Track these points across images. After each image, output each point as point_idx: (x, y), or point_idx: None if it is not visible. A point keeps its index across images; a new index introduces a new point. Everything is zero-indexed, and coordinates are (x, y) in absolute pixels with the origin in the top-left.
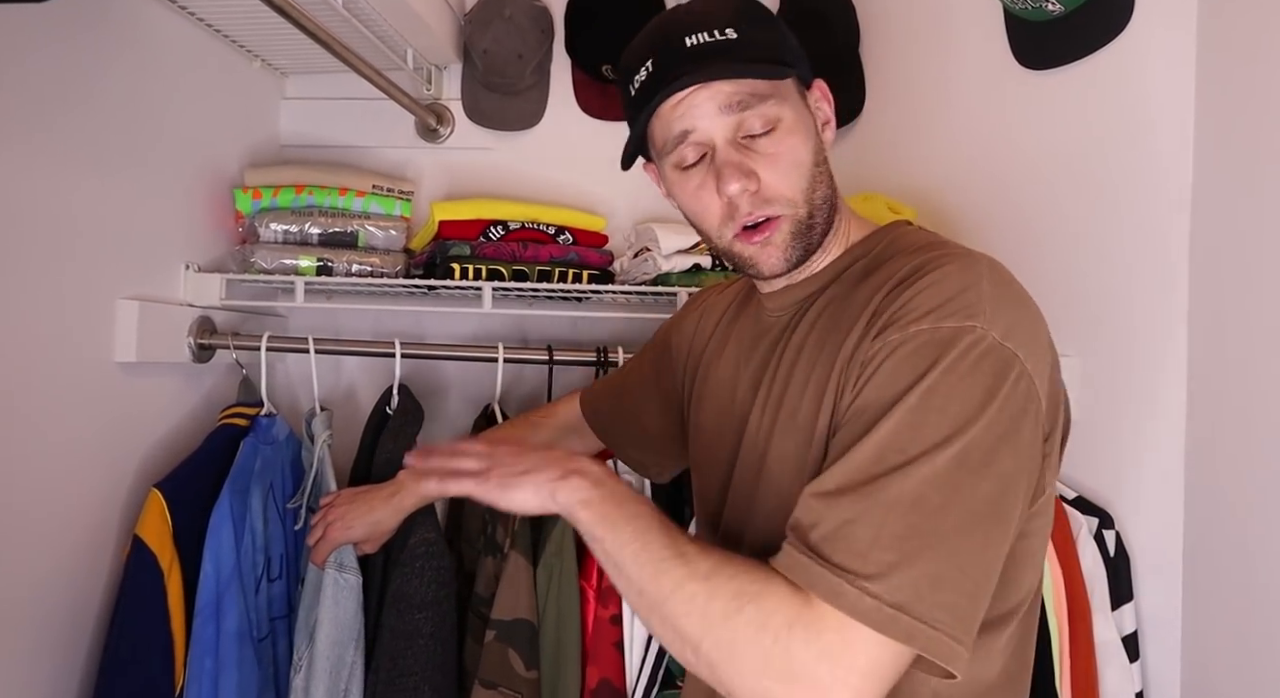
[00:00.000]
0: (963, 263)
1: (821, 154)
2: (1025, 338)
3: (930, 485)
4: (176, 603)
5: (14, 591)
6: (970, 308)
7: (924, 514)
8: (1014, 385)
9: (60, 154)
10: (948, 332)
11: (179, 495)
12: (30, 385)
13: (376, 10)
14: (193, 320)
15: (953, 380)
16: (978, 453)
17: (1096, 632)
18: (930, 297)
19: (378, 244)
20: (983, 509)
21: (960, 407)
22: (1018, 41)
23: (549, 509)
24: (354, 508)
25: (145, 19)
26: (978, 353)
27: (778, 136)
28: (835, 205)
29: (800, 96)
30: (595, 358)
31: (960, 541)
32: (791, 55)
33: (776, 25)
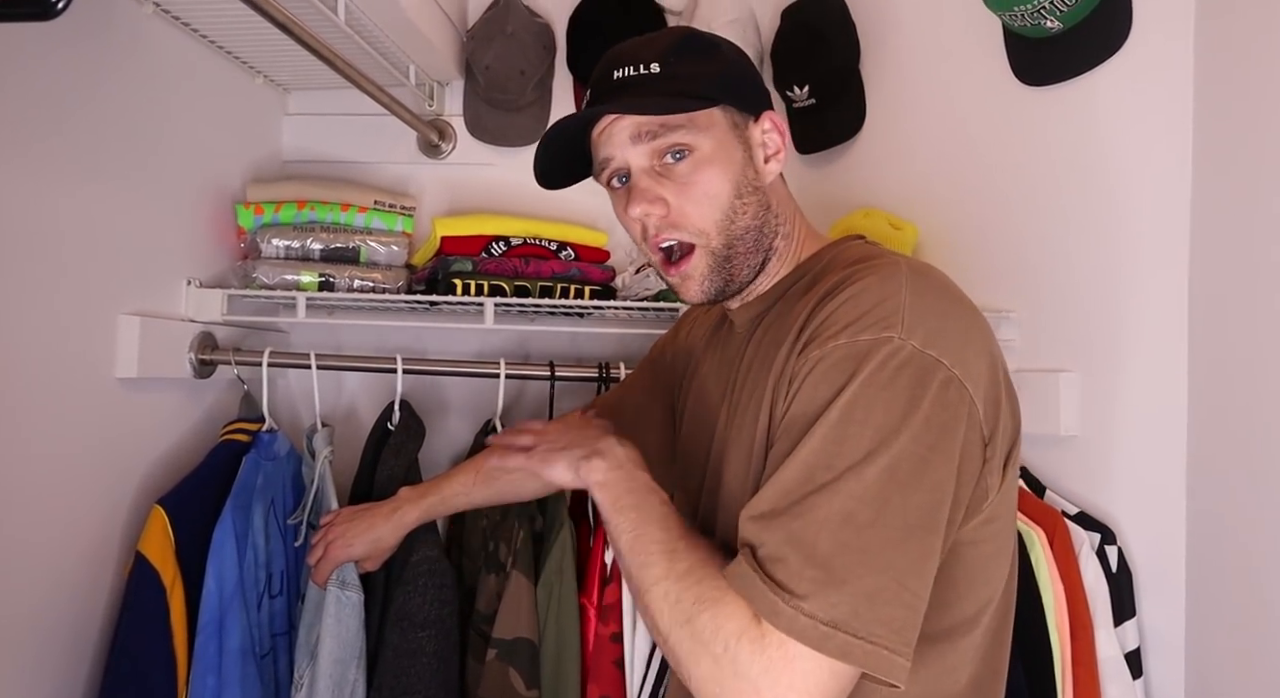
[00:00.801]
0: (883, 274)
1: (751, 184)
2: (951, 343)
3: (859, 501)
4: (179, 620)
5: (16, 606)
6: (887, 319)
7: (855, 530)
8: (940, 392)
9: (63, 169)
10: (864, 344)
11: (181, 511)
12: (32, 401)
13: (379, 27)
14: (194, 336)
15: (872, 392)
16: (907, 464)
17: (1099, 648)
18: (848, 310)
19: (379, 260)
20: (916, 520)
21: (882, 418)
22: (1017, 58)
23: (579, 484)
24: (354, 526)
25: (148, 35)
26: (896, 363)
27: (690, 166)
28: (773, 232)
29: (731, 128)
30: (597, 374)
31: (894, 553)
32: (722, 88)
33: (711, 59)
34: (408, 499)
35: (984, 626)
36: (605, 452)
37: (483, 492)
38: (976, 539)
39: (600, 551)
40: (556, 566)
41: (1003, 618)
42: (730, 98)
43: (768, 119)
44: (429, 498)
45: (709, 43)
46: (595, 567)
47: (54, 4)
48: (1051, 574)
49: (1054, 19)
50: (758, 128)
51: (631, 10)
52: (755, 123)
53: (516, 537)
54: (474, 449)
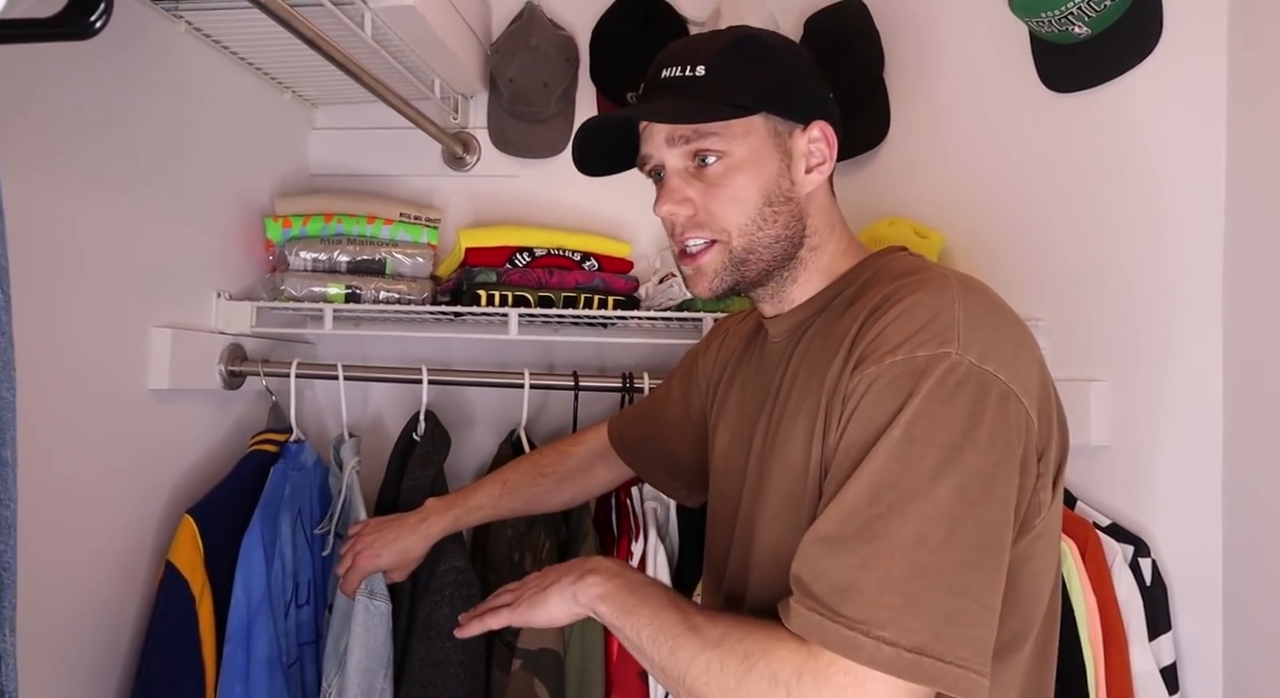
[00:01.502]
0: (934, 288)
1: (784, 194)
2: (1005, 357)
3: (930, 522)
4: (208, 628)
5: (52, 614)
6: (943, 334)
7: (929, 552)
8: (999, 407)
9: (97, 184)
10: (922, 360)
11: (210, 521)
12: (67, 412)
13: (405, 42)
14: (224, 348)
15: (933, 409)
16: (975, 481)
17: (1133, 663)
18: (902, 326)
19: (405, 271)
20: (988, 538)
21: (945, 434)
22: (1044, 65)
23: (577, 614)
24: (381, 536)
25: (179, 52)
26: (955, 379)
27: (720, 170)
28: (799, 243)
29: (770, 136)
30: (621, 384)
31: (971, 574)
32: (764, 97)
33: (760, 65)
34: (434, 511)
35: (1032, 642)
36: (597, 568)
37: (509, 503)
38: (1028, 555)
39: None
40: None
41: (1049, 635)
42: (773, 106)
43: (817, 128)
44: (455, 509)
45: (763, 48)
46: None
47: (92, 24)
48: (1084, 587)
49: (1082, 24)
50: (804, 137)
51: (654, 22)
52: (803, 131)
53: (542, 547)
54: (498, 460)
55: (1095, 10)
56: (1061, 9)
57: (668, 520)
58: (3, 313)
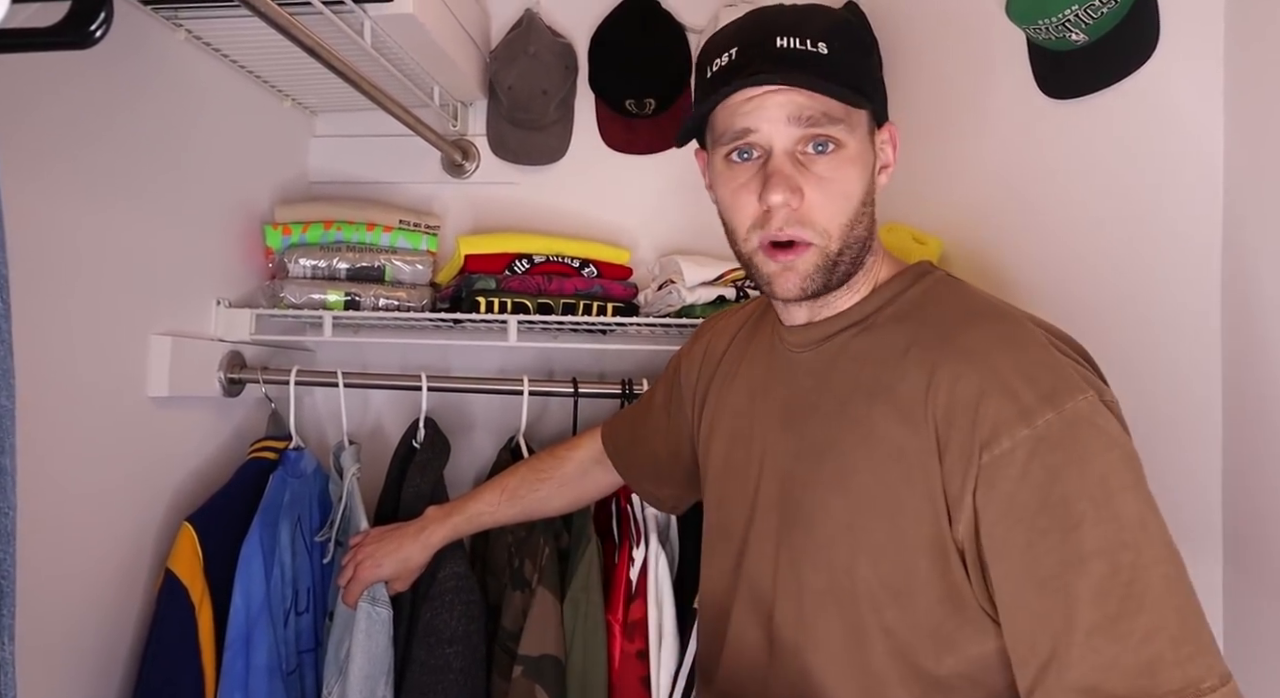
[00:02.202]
0: (1023, 335)
1: (871, 194)
2: (1098, 380)
3: (1166, 562)
4: (207, 636)
5: (52, 620)
6: (1067, 379)
7: (1177, 588)
8: (1126, 428)
9: (97, 192)
10: (1070, 413)
11: (210, 528)
12: (66, 420)
13: (404, 49)
14: (223, 355)
15: (1111, 456)
16: (1155, 505)
17: None
18: (1026, 383)
19: (404, 278)
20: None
21: (1128, 474)
22: (1042, 71)
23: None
24: (382, 546)
25: (180, 61)
26: (1103, 417)
27: (835, 162)
28: (870, 247)
29: (869, 132)
30: (620, 391)
31: (1190, 588)
32: (873, 88)
33: (869, 54)
34: (434, 519)
35: None
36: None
37: (509, 509)
38: None
39: (625, 567)
40: (583, 582)
41: None
42: (877, 101)
43: (889, 130)
44: (455, 517)
45: (867, 38)
46: (620, 583)
47: (92, 33)
48: None
49: (1079, 32)
50: (880, 137)
51: (652, 29)
52: (879, 132)
53: (542, 553)
54: (497, 467)
55: (1092, 17)
56: (1059, 16)
57: (669, 527)
58: (2, 321)
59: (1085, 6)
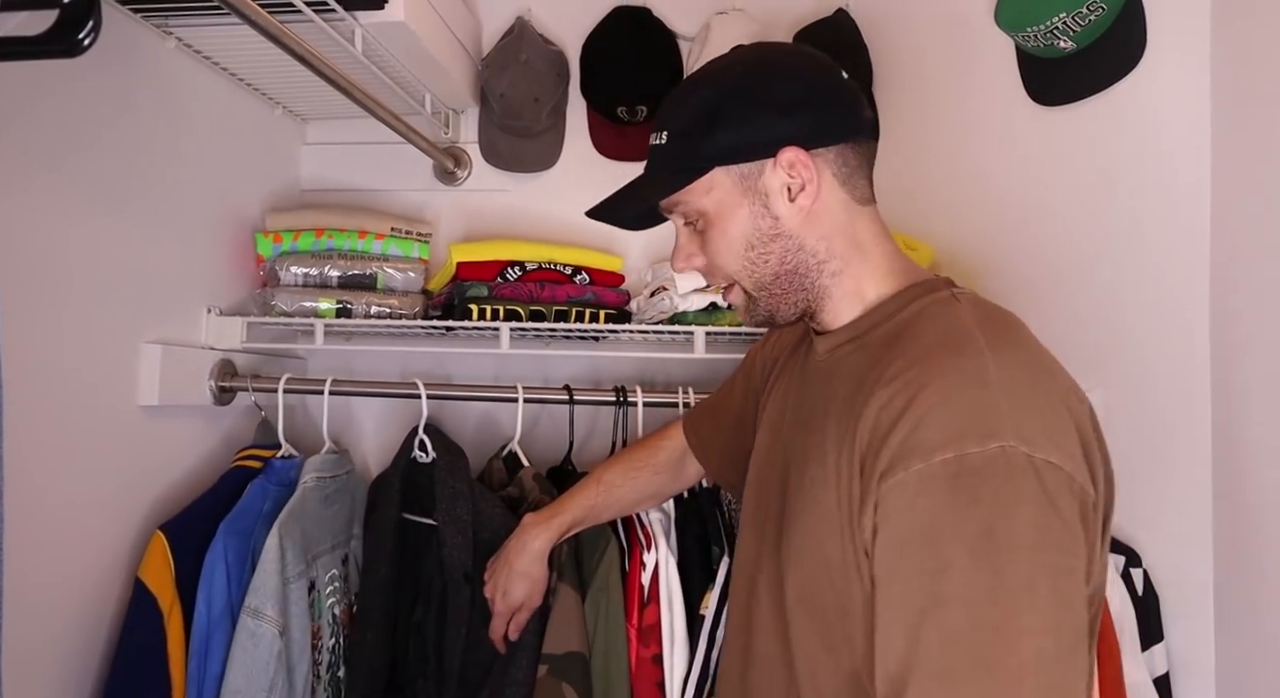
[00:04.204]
0: (969, 370)
1: (767, 234)
2: (1056, 436)
3: (1042, 634)
4: (177, 645)
5: (35, 632)
6: (990, 424)
7: (1048, 666)
8: (1062, 494)
9: (87, 200)
10: (976, 459)
11: (183, 538)
12: (56, 428)
13: (395, 57)
14: (214, 363)
15: (1007, 510)
16: (1064, 579)
17: (1126, 674)
18: (943, 419)
19: (396, 286)
20: (1082, 635)
21: (1027, 536)
22: (1030, 78)
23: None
24: (498, 576)
25: (169, 68)
26: (1016, 474)
27: (704, 227)
28: (814, 270)
29: (737, 182)
30: (615, 398)
31: (1076, 677)
32: (716, 155)
33: (709, 123)
34: (533, 525)
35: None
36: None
37: (607, 501)
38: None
39: (637, 572)
40: (603, 581)
41: None
42: (725, 159)
43: (786, 156)
44: (557, 518)
45: (710, 106)
46: (634, 589)
47: (81, 41)
48: None
49: (1067, 39)
50: (777, 169)
51: (643, 37)
52: (774, 164)
53: (561, 550)
54: (485, 475)
55: (1080, 25)
56: (1047, 23)
57: (669, 532)
58: None
59: (1073, 14)
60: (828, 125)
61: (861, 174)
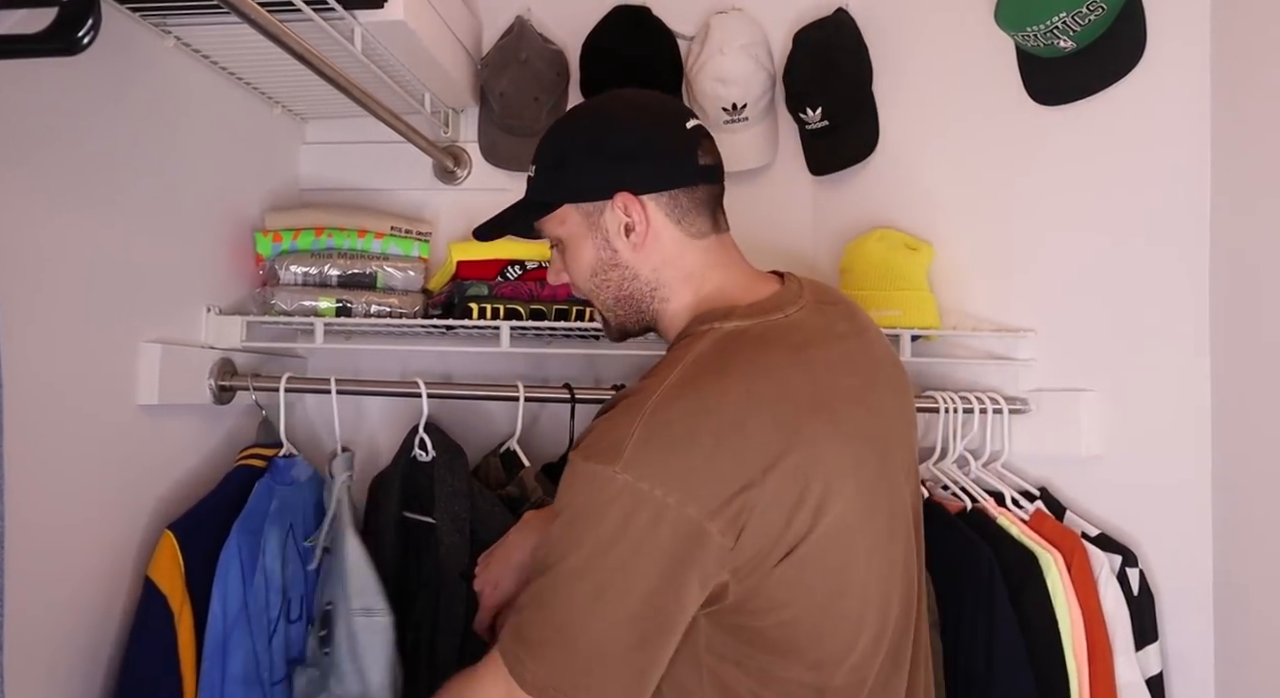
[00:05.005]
0: (630, 405)
1: (607, 263)
2: (672, 475)
3: (573, 609)
4: (187, 645)
5: (35, 632)
6: (613, 450)
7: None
8: (650, 523)
9: (85, 199)
10: (586, 469)
11: (192, 537)
12: (55, 427)
13: (395, 56)
14: (214, 363)
15: (585, 514)
16: (614, 581)
17: (1118, 674)
18: (598, 433)
19: (396, 285)
20: (616, 629)
21: (592, 539)
22: (1031, 78)
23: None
24: (492, 569)
25: (168, 67)
26: (609, 492)
27: (563, 250)
28: (647, 295)
29: (584, 217)
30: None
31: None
32: (563, 192)
33: (559, 164)
34: (534, 519)
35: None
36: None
37: None
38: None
39: None
40: None
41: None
42: (574, 197)
43: (620, 199)
44: None
45: (562, 149)
46: None
47: (80, 39)
48: (1068, 599)
49: (1067, 38)
50: (614, 210)
51: (643, 36)
52: (610, 204)
53: None
54: (481, 472)
55: (1080, 24)
56: (1047, 23)
57: None
58: None
59: (1073, 14)
60: (658, 175)
61: (698, 212)
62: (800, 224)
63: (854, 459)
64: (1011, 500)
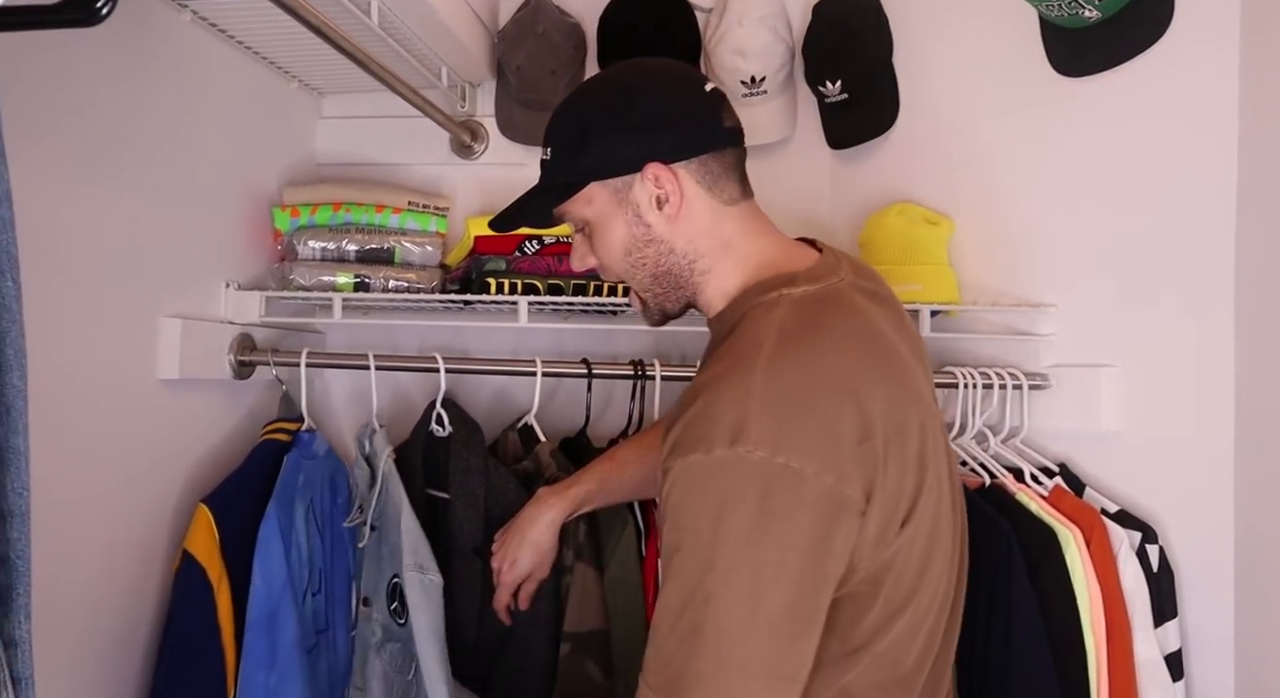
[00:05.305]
0: (734, 380)
1: (641, 240)
2: (804, 442)
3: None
4: (226, 616)
5: (69, 604)
6: (736, 431)
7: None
8: (792, 494)
9: (101, 174)
10: (718, 460)
11: (226, 510)
12: (79, 403)
13: (412, 29)
14: (233, 338)
15: (731, 507)
16: (768, 571)
17: (1137, 650)
18: (704, 422)
19: (414, 260)
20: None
21: (739, 531)
22: (1054, 49)
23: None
24: (508, 546)
25: (186, 41)
26: (746, 474)
27: (590, 233)
28: (686, 270)
29: (611, 195)
30: (632, 372)
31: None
32: (587, 171)
33: (581, 142)
34: (548, 494)
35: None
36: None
37: (619, 477)
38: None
39: (654, 557)
40: (621, 563)
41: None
42: (600, 174)
43: (650, 171)
44: (572, 489)
45: (583, 125)
46: (651, 573)
47: (98, 10)
48: (1087, 575)
49: (1092, 8)
50: (644, 182)
51: (661, 9)
52: (641, 178)
53: (579, 531)
54: (498, 447)
55: None
56: None
57: None
58: (13, 301)
59: None
60: (687, 141)
61: (727, 177)
62: (819, 198)
63: (931, 423)
64: (1030, 476)
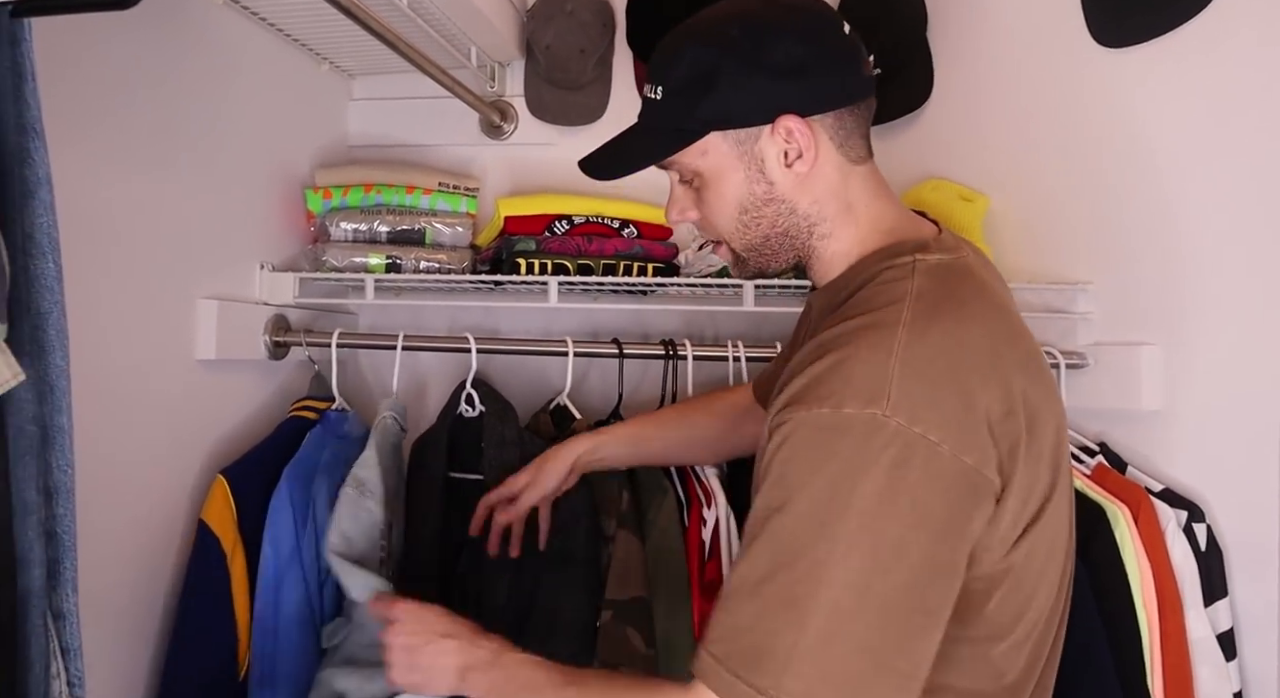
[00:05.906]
0: (876, 338)
1: (760, 199)
2: (943, 415)
3: (844, 589)
4: (240, 586)
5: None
6: (873, 392)
7: (841, 619)
8: (925, 468)
9: (138, 157)
10: (847, 418)
11: (244, 482)
12: (120, 383)
13: (441, 10)
14: (268, 319)
15: (854, 472)
16: (888, 548)
17: (1189, 629)
18: (836, 376)
19: (445, 241)
20: (901, 602)
21: (863, 500)
22: (1095, 18)
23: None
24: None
25: (219, 25)
26: (880, 442)
27: (698, 186)
28: (805, 232)
29: (734, 146)
30: (663, 352)
31: (879, 639)
32: (711, 119)
33: (705, 86)
34: (579, 432)
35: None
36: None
37: (655, 431)
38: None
39: (697, 528)
40: (663, 532)
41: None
42: (722, 123)
43: (784, 123)
44: (602, 434)
45: (706, 67)
46: (694, 545)
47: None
48: (1137, 552)
49: None
50: (774, 136)
51: None
52: (770, 131)
53: (620, 499)
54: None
55: None
56: None
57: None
58: (55, 283)
59: None
60: (827, 91)
61: (859, 134)
62: None
63: (1063, 425)
64: (1072, 456)
